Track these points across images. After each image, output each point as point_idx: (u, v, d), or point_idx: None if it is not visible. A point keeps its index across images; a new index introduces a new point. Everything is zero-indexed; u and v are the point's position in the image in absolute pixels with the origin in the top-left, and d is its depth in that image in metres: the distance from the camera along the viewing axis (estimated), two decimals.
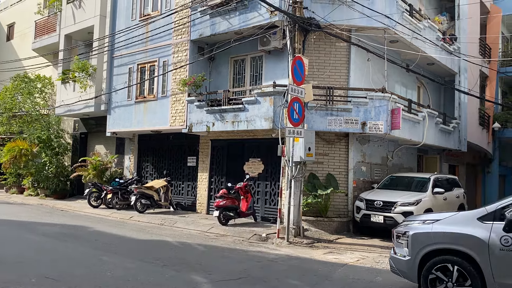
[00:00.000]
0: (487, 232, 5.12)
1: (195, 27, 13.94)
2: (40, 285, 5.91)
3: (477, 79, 18.91)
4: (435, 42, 14.53)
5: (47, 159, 19.01)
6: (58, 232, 10.59)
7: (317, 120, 11.79)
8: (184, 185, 15.76)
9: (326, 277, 7.16)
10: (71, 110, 18.31)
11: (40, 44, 21.45)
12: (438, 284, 5.49)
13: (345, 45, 12.50)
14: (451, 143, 16.27)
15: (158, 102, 15.13)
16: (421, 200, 11.08)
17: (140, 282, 6.29)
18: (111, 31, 17.02)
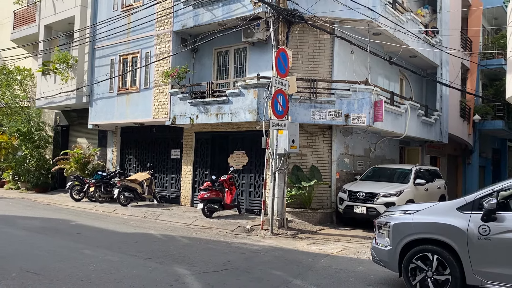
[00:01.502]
0: (466, 221, 5.22)
1: (178, 18, 13.80)
2: (21, 279, 5.83)
3: (458, 72, 19.18)
4: (417, 35, 14.67)
5: (27, 152, 18.70)
6: (39, 226, 10.44)
7: (301, 113, 11.83)
8: (168, 178, 15.68)
9: (309, 268, 7.22)
10: (52, 102, 18.01)
11: (19, 35, 20.97)
12: (418, 273, 5.59)
13: (328, 38, 12.53)
14: (432, 135, 16.51)
15: (140, 94, 14.97)
16: (403, 191, 11.24)
17: (123, 275, 6.26)
18: (93, 22, 16.74)
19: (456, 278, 5.24)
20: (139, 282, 5.96)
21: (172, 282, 6.03)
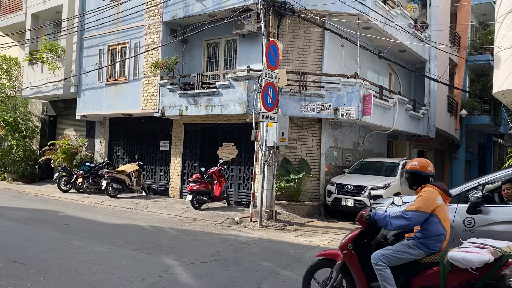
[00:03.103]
0: (452, 214, 5.30)
1: (167, 8, 13.68)
2: (8, 269, 5.79)
3: (446, 67, 19.37)
4: (407, 30, 14.75)
5: (14, 142, 18.45)
6: (26, 216, 10.35)
7: (290, 105, 11.86)
8: (156, 170, 15.63)
9: (297, 259, 7.29)
10: (39, 92, 17.77)
11: (5, 23, 20.56)
12: None
13: (319, 31, 12.55)
14: (420, 129, 16.68)
15: (129, 85, 14.85)
16: (390, 184, 11.37)
17: (111, 266, 6.26)
18: (81, 11, 16.51)
19: None
20: (128, 272, 5.97)
21: (161, 272, 6.05)
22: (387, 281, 4.04)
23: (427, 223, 4.06)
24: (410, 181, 4.43)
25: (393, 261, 4.08)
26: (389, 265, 4.08)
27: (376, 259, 4.12)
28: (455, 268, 3.75)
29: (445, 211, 4.14)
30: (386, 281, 4.05)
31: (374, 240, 4.37)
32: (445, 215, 4.13)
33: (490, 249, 3.69)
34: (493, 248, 3.70)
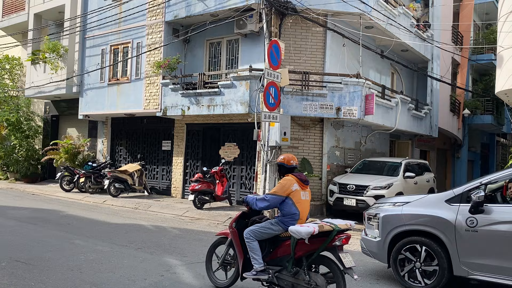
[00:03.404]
0: (454, 213, 5.30)
1: (170, 8, 13.69)
2: (11, 268, 5.81)
3: (449, 66, 19.32)
4: (409, 29, 14.73)
5: (16, 142, 18.51)
6: (29, 216, 10.38)
7: (292, 105, 11.85)
8: (158, 169, 15.65)
9: None
10: (42, 92, 17.81)
11: (8, 23, 20.63)
12: (407, 264, 5.68)
13: (321, 30, 12.54)
14: (422, 129, 16.65)
15: (131, 85, 14.87)
16: (393, 184, 11.34)
17: (114, 265, 6.27)
18: (83, 11, 16.54)
19: (443, 269, 5.33)
20: (130, 272, 5.98)
21: (163, 272, 6.06)
22: (254, 251, 4.95)
23: (283, 204, 4.96)
24: (278, 171, 5.42)
25: (259, 235, 4.98)
26: (257, 238, 4.98)
27: (246, 233, 5.03)
28: (301, 241, 4.62)
29: (300, 195, 4.99)
30: (253, 251, 4.96)
31: (251, 219, 5.26)
32: (299, 198, 4.98)
33: (320, 224, 4.60)
34: (326, 224, 4.62)
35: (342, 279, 4.54)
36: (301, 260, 4.73)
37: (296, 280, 4.74)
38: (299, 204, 4.96)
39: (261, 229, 4.99)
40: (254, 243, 4.96)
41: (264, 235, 4.99)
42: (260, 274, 4.94)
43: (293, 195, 4.95)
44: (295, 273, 4.75)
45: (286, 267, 4.82)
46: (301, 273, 4.71)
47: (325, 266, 4.69)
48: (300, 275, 4.70)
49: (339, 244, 4.58)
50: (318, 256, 4.67)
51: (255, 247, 4.96)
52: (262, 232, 4.98)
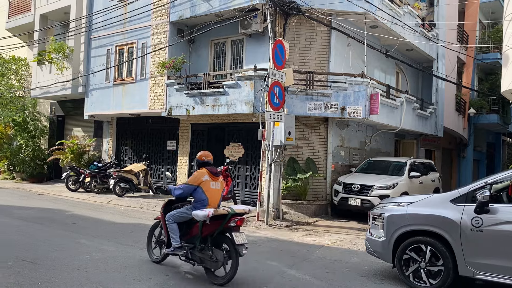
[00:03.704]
0: (459, 213, 5.28)
1: (174, 8, 13.73)
2: (17, 267, 5.86)
3: (454, 66, 19.24)
4: (414, 28, 14.68)
5: (23, 142, 18.62)
6: (35, 215, 10.45)
7: (297, 105, 11.85)
8: (163, 169, 15.69)
9: (305, 258, 7.29)
10: (48, 92, 17.91)
11: (14, 24, 20.78)
12: (412, 264, 5.67)
13: (325, 30, 12.53)
14: (428, 128, 16.59)
15: (136, 85, 14.93)
16: (398, 184, 11.33)
17: (119, 264, 6.30)
18: (89, 11, 16.62)
19: (448, 269, 5.32)
20: (135, 271, 6.01)
21: (168, 272, 6.09)
22: (173, 231, 5.94)
23: (195, 192, 5.93)
24: (196, 165, 6.42)
25: (177, 218, 5.96)
26: (175, 221, 5.95)
27: (167, 217, 6.01)
28: (206, 223, 5.63)
29: (209, 185, 5.98)
30: (172, 231, 5.95)
31: (173, 205, 6.24)
32: (209, 187, 5.96)
33: (217, 209, 5.67)
34: (223, 209, 5.69)
35: (236, 255, 5.45)
36: (207, 239, 5.68)
37: (203, 255, 5.70)
38: (208, 192, 5.95)
39: (179, 213, 5.98)
40: (173, 225, 5.95)
41: (181, 218, 5.96)
42: (177, 250, 5.90)
43: (203, 184, 5.94)
44: (201, 249, 5.72)
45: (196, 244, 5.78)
46: (206, 249, 5.67)
47: (225, 244, 5.61)
48: (205, 251, 5.67)
49: (233, 225, 5.56)
50: (220, 236, 5.62)
51: (173, 228, 5.94)
52: (179, 216, 5.96)
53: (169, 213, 6.04)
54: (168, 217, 5.99)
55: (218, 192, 6.08)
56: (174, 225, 5.95)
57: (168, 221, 5.98)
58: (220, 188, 6.16)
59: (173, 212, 6.01)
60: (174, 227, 5.94)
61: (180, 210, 6.01)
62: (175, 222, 5.95)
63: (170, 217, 5.97)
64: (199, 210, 5.72)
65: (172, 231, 5.95)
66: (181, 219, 5.95)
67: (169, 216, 5.99)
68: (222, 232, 5.61)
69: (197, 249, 5.74)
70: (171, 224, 5.95)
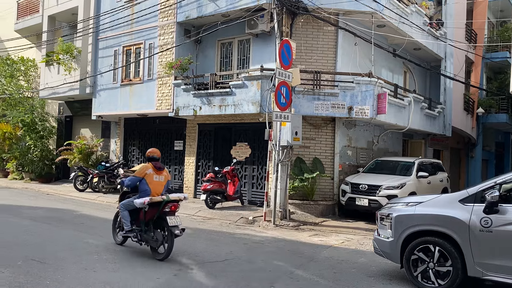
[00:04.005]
0: (468, 214, 5.24)
1: (181, 9, 13.76)
2: (26, 267, 5.90)
3: (462, 65, 19.09)
4: (422, 27, 14.59)
5: (31, 142, 18.77)
6: (43, 215, 10.52)
7: (304, 105, 11.82)
8: (171, 169, 15.72)
9: (312, 259, 7.28)
10: (56, 93, 18.04)
11: (23, 25, 20.95)
12: (420, 264, 5.63)
13: (332, 29, 12.49)
14: (436, 128, 16.48)
15: (144, 85, 14.99)
16: (405, 184, 11.26)
17: (127, 264, 6.33)
18: (96, 12, 16.71)
19: (457, 270, 5.28)
20: (144, 271, 6.02)
21: (175, 271, 6.10)
22: (124, 218, 7.05)
23: (140, 183, 6.96)
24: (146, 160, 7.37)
25: (127, 206, 7.03)
26: (126, 209, 7.02)
27: (119, 206, 7.18)
28: (149, 210, 6.75)
29: (153, 177, 6.99)
30: (123, 217, 7.06)
31: (126, 196, 7.29)
32: (152, 180, 6.97)
33: (152, 197, 6.75)
34: (158, 197, 6.80)
35: (170, 235, 6.52)
36: (150, 223, 6.76)
37: (147, 237, 6.77)
38: (151, 184, 6.95)
39: (127, 202, 7.04)
40: (124, 212, 7.05)
41: (129, 207, 6.99)
42: (128, 233, 7.02)
43: (147, 177, 6.95)
44: (145, 231, 6.81)
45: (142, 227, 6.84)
46: (149, 231, 6.78)
47: (164, 227, 6.62)
48: (148, 233, 6.77)
49: (168, 210, 6.67)
50: (159, 219, 6.69)
51: (125, 215, 7.04)
52: (128, 204, 7.01)
53: (121, 202, 7.15)
54: (120, 205, 7.12)
55: (161, 184, 7.08)
56: (125, 212, 7.03)
57: (120, 209, 7.12)
58: (164, 181, 7.16)
59: (124, 201, 7.10)
60: (125, 214, 7.02)
61: (129, 199, 7.03)
62: (126, 210, 7.02)
63: (122, 206, 7.10)
64: (140, 199, 6.75)
65: (124, 217, 7.05)
66: (129, 207, 6.98)
67: (121, 205, 7.12)
68: (161, 217, 6.64)
69: (143, 232, 6.82)
70: (123, 211, 7.06)
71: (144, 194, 6.85)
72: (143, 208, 6.76)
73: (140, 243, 6.94)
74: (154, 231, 6.72)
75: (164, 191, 7.14)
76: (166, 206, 6.67)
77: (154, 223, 6.75)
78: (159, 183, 7.05)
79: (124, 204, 7.07)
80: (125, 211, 7.04)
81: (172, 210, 6.70)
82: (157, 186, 7.00)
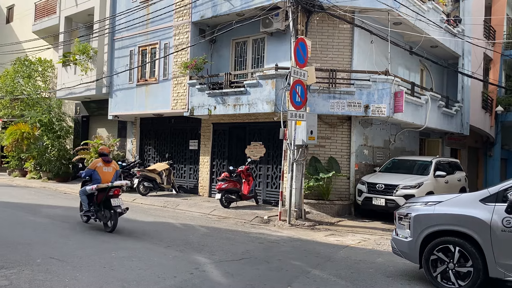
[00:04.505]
0: (489, 213, 5.14)
1: (196, 8, 13.80)
2: (46, 265, 5.97)
3: (480, 62, 18.77)
4: (439, 24, 14.37)
5: (49, 142, 19.04)
6: (61, 214, 10.65)
7: (319, 103, 11.74)
8: (186, 168, 15.81)
9: (328, 258, 7.22)
10: (72, 93, 18.27)
11: (40, 27, 21.28)
12: (440, 265, 5.54)
13: (348, 27, 12.39)
14: (453, 127, 16.24)
15: (159, 85, 15.07)
16: (423, 183, 11.11)
17: (144, 262, 6.36)
18: (112, 13, 16.87)
19: (478, 271, 5.18)
20: (160, 269, 6.05)
21: (192, 270, 6.11)
22: (83, 201, 8.98)
23: (93, 174, 8.82)
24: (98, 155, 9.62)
25: (84, 192, 8.88)
26: (84, 194, 8.86)
27: (79, 192, 9.11)
28: (99, 194, 8.63)
29: (102, 169, 8.87)
30: (82, 201, 9.01)
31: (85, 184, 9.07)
32: (102, 171, 8.84)
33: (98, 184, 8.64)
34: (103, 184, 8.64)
35: (114, 213, 8.38)
36: (101, 204, 8.61)
37: (99, 215, 8.73)
38: (102, 174, 8.81)
39: (83, 189, 8.92)
40: (82, 197, 8.95)
41: (85, 192, 8.84)
42: (86, 213, 8.95)
43: (98, 169, 8.84)
44: (98, 211, 8.75)
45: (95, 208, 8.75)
46: (100, 211, 8.70)
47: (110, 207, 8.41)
48: (100, 212, 8.70)
49: (112, 194, 8.46)
50: (107, 201, 8.44)
51: (83, 198, 8.96)
52: (84, 191, 8.89)
53: (80, 189, 9.11)
54: (80, 191, 9.08)
55: (110, 173, 8.93)
56: (83, 196, 8.93)
57: (80, 194, 9.05)
58: (112, 171, 9.00)
59: (82, 188, 9.04)
60: (84, 198, 8.94)
61: (85, 187, 8.88)
62: (84, 195, 8.90)
63: (80, 192, 9.04)
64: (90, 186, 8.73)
65: (83, 201, 9.02)
66: (86, 192, 8.84)
67: (80, 191, 9.09)
68: (107, 199, 8.42)
69: (97, 211, 8.73)
70: (82, 196, 8.98)
71: (96, 182, 8.71)
72: (94, 193, 8.67)
73: (97, 220, 8.91)
74: (104, 210, 8.59)
75: (114, 179, 8.89)
76: (111, 191, 8.49)
77: (104, 204, 8.54)
78: (108, 173, 8.91)
79: (82, 190, 8.96)
80: (83, 196, 8.90)
81: (115, 194, 8.49)
82: (107, 175, 8.85)
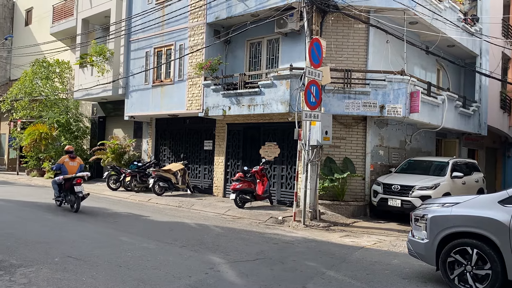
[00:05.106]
0: (508, 215, 5.05)
1: (211, 9, 13.87)
2: (64, 263, 6.07)
3: (499, 61, 18.47)
4: (456, 23, 14.19)
5: (66, 142, 19.33)
6: (78, 213, 10.80)
7: (334, 104, 11.69)
8: (201, 169, 15.89)
9: (343, 260, 7.18)
10: (89, 94, 18.52)
11: (58, 29, 21.63)
12: (457, 267, 5.46)
13: (363, 27, 12.30)
14: (470, 127, 16.00)
15: (174, 86, 15.18)
16: (439, 184, 10.97)
17: (159, 262, 6.41)
18: (128, 14, 17.06)
19: (497, 273, 5.09)
20: (175, 269, 6.09)
21: (207, 270, 6.14)
22: (55, 188, 11.40)
23: (62, 167, 11.22)
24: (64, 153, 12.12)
25: (55, 181, 11.30)
26: (55, 183, 11.29)
27: (51, 182, 11.55)
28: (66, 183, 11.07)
29: (69, 163, 11.30)
30: (54, 189, 11.43)
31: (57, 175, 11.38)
32: (68, 165, 11.28)
33: (65, 176, 11.01)
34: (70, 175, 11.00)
35: (77, 198, 10.79)
36: (68, 190, 10.96)
37: (67, 199, 11.06)
38: (68, 167, 11.23)
39: (54, 179, 11.31)
40: (55, 185, 11.33)
41: (56, 181, 11.22)
42: (57, 198, 11.42)
43: (65, 163, 11.28)
44: (66, 196, 11.10)
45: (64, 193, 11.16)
46: (67, 196, 11.04)
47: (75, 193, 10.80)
48: (67, 197, 11.05)
49: (75, 182, 10.74)
50: (72, 188, 10.78)
51: (55, 187, 11.34)
52: (55, 180, 11.27)
53: (52, 179, 11.50)
54: (52, 181, 11.47)
55: (75, 167, 11.34)
56: (55, 185, 11.30)
57: (52, 184, 11.45)
58: (77, 165, 11.40)
59: (55, 178, 11.30)
60: (55, 186, 11.31)
61: (57, 178, 11.21)
62: (56, 184, 11.24)
63: (52, 182, 11.43)
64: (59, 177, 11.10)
65: (54, 189, 11.41)
66: (57, 182, 11.18)
67: (52, 181, 11.49)
68: (72, 187, 10.73)
69: (66, 196, 11.09)
70: (53, 184, 11.36)
71: (64, 173, 11.12)
72: (61, 182, 11.03)
73: (66, 205, 11.28)
74: (70, 195, 10.93)
75: (78, 171, 11.28)
76: (74, 180, 10.79)
77: (70, 191, 10.87)
78: (73, 166, 11.35)
79: (53, 181, 11.37)
80: (55, 184, 11.29)
81: (78, 182, 10.76)
82: (72, 168, 11.29)
